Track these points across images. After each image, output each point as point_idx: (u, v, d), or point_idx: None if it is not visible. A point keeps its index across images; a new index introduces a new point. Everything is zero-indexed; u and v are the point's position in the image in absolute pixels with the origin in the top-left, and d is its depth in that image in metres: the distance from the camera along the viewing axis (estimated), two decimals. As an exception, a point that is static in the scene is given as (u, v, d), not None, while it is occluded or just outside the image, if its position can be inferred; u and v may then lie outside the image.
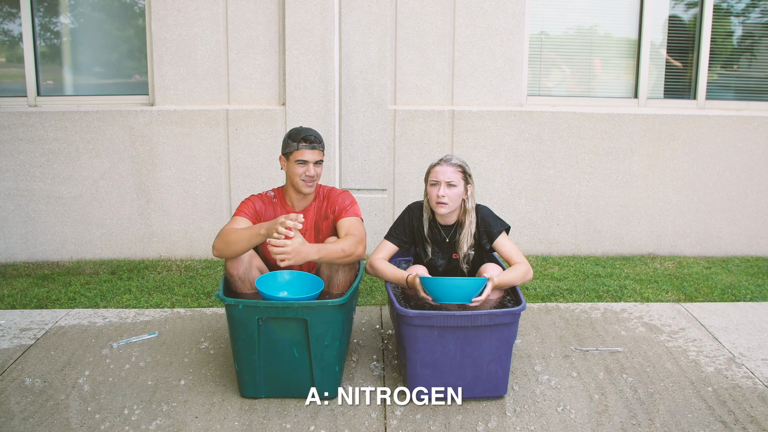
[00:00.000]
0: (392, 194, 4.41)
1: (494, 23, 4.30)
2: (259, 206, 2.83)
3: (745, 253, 4.59)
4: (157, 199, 4.36)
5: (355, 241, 2.69)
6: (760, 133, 4.45)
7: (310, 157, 2.76)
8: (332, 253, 2.62)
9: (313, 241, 2.85)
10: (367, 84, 4.26)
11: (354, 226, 2.78)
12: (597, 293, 3.78)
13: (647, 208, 4.51)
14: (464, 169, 2.76)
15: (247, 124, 4.29)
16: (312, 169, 2.76)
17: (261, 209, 2.83)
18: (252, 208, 2.81)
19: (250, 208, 2.81)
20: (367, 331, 3.25)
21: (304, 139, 2.76)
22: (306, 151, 2.75)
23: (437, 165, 2.77)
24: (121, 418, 2.47)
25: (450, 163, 2.75)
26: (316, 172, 2.78)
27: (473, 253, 2.84)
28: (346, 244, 2.66)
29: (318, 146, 2.78)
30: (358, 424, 2.44)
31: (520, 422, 2.45)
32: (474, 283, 2.52)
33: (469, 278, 2.62)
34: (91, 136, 4.28)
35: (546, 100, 4.52)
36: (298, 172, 2.76)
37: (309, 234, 2.86)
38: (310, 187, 2.79)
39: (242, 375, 2.56)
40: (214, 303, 3.63)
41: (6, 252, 4.38)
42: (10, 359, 2.94)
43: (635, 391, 2.67)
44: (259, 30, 4.24)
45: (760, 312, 3.53)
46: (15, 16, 4.39)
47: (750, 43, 4.72)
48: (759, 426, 2.43)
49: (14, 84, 4.45)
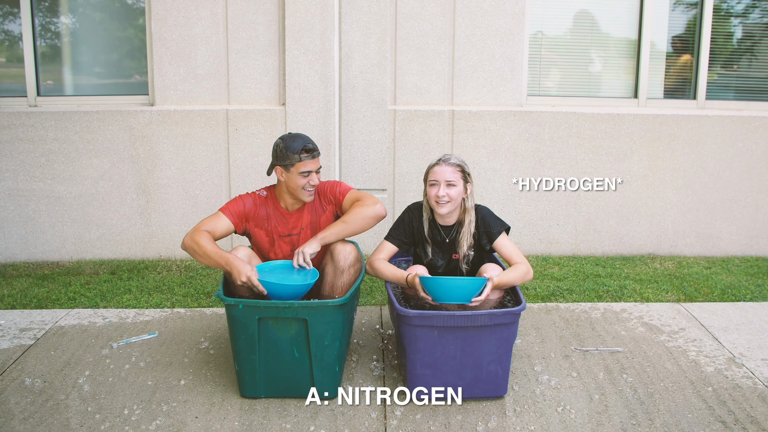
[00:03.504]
0: (392, 194, 4.41)
1: (494, 23, 4.30)
2: (249, 206, 2.79)
3: (745, 253, 4.59)
4: (157, 199, 4.36)
5: (367, 203, 2.76)
6: (760, 133, 4.45)
7: (313, 166, 2.72)
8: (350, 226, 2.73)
9: (311, 237, 2.82)
10: (367, 84, 4.26)
11: (355, 196, 2.82)
12: (597, 293, 3.78)
13: (647, 208, 4.51)
14: (463, 169, 2.76)
15: (247, 124, 4.29)
16: (315, 178, 2.74)
17: (251, 210, 2.79)
18: (240, 208, 2.77)
19: (238, 208, 2.76)
20: (367, 331, 3.25)
21: (305, 149, 2.69)
22: (308, 162, 2.70)
23: (436, 165, 2.76)
24: (121, 418, 2.47)
25: (449, 162, 2.74)
26: (318, 179, 2.76)
27: (473, 254, 2.83)
28: (362, 209, 2.75)
29: (318, 154, 2.75)
30: (358, 424, 2.44)
31: (520, 422, 2.45)
32: (474, 283, 2.52)
33: (468, 278, 2.62)
34: (90, 136, 4.28)
35: (546, 100, 4.52)
36: (301, 183, 2.71)
37: (306, 232, 2.85)
38: (311, 196, 2.78)
39: (242, 375, 2.56)
40: (214, 303, 3.63)
41: (6, 252, 4.38)
42: (10, 359, 2.94)
43: (635, 391, 2.67)
44: (259, 30, 4.24)
45: (760, 312, 3.53)
46: (15, 16, 4.39)
47: (750, 44, 4.72)
48: (759, 426, 2.43)
49: (14, 84, 4.45)
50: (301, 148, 2.69)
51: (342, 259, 2.69)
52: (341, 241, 2.77)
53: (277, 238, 2.83)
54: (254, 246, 2.90)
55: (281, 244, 2.84)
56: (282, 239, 2.83)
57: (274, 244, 2.83)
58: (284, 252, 2.85)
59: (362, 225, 2.74)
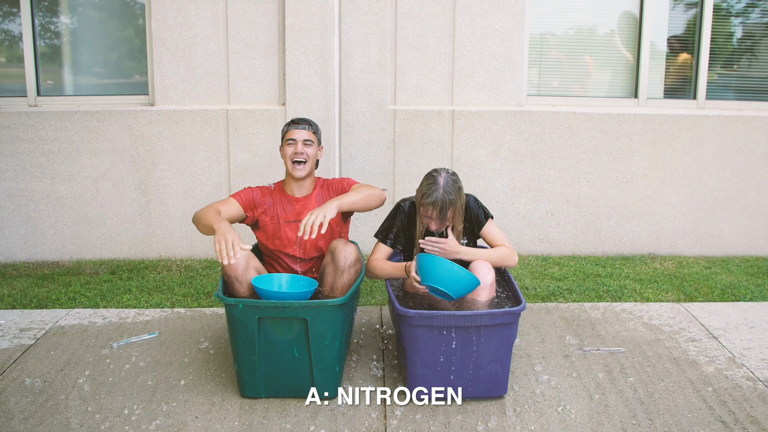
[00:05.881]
0: (392, 194, 4.41)
1: (494, 23, 4.30)
2: (257, 195, 2.90)
3: (745, 253, 4.58)
4: (157, 199, 4.36)
5: (373, 186, 2.85)
6: (760, 133, 4.45)
7: (298, 136, 2.85)
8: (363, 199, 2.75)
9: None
10: (367, 84, 4.26)
11: (358, 184, 2.89)
12: (597, 293, 3.78)
13: (647, 208, 4.50)
14: None
15: (247, 124, 4.29)
16: (300, 146, 2.83)
17: (258, 197, 2.90)
18: (249, 196, 2.89)
19: (247, 195, 2.89)
20: (367, 331, 3.25)
21: (292, 121, 2.91)
22: (293, 131, 2.86)
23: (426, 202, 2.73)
24: (121, 418, 2.47)
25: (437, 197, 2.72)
26: (304, 150, 2.84)
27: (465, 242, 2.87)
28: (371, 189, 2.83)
29: (306, 126, 2.87)
30: (358, 424, 2.44)
31: (520, 422, 2.45)
32: (467, 275, 2.50)
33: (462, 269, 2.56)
34: (90, 136, 4.28)
35: (546, 100, 4.52)
36: (288, 152, 2.86)
37: None
38: (300, 170, 2.84)
39: (242, 375, 2.56)
40: (214, 303, 3.63)
41: (6, 252, 4.38)
42: (10, 359, 2.94)
43: (635, 391, 2.67)
44: (259, 30, 4.24)
45: (760, 312, 3.53)
46: (15, 16, 4.39)
47: (750, 43, 4.72)
48: (759, 426, 2.43)
49: (14, 84, 4.45)
50: (290, 120, 2.93)
51: (342, 259, 2.70)
52: (342, 240, 2.78)
53: (283, 224, 2.88)
54: (260, 237, 2.94)
55: (286, 230, 2.88)
56: (288, 225, 2.88)
57: (279, 230, 2.88)
58: (289, 239, 2.87)
59: (371, 201, 2.81)
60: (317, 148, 2.91)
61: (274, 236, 2.89)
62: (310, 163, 2.87)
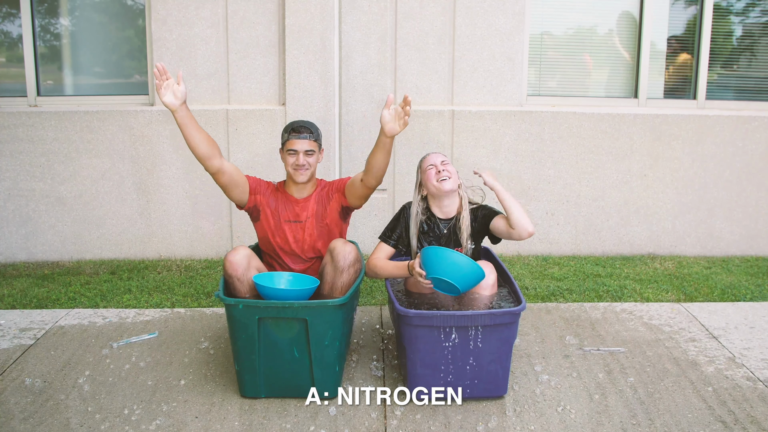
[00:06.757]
0: (392, 194, 4.41)
1: (494, 23, 4.30)
2: (263, 185, 2.94)
3: (745, 253, 4.58)
4: (157, 198, 4.36)
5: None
6: (760, 133, 4.45)
7: (299, 146, 2.83)
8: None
9: (315, 228, 2.90)
10: (367, 84, 4.26)
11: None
12: (597, 293, 3.78)
13: (647, 208, 4.50)
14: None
15: (247, 124, 4.29)
16: (301, 158, 2.83)
17: (264, 189, 2.93)
18: (257, 182, 2.93)
19: (256, 181, 2.93)
20: (367, 331, 3.25)
21: (294, 129, 2.85)
22: (295, 141, 2.83)
23: (427, 155, 2.92)
24: (121, 418, 2.47)
25: (436, 152, 2.93)
26: (306, 161, 2.83)
27: (473, 247, 2.87)
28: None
29: (307, 136, 2.84)
30: (358, 424, 2.44)
31: (520, 422, 2.45)
32: (472, 264, 2.49)
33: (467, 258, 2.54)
34: (90, 136, 4.28)
35: (546, 100, 4.52)
36: (289, 161, 2.85)
37: (311, 221, 2.89)
38: (302, 175, 2.85)
39: (242, 375, 2.56)
40: (214, 303, 3.63)
41: (6, 252, 4.38)
42: (10, 359, 2.94)
43: (635, 391, 2.67)
44: (259, 30, 4.24)
45: (760, 312, 3.53)
46: (15, 17, 4.39)
47: (750, 43, 4.72)
48: (759, 426, 2.43)
49: (14, 84, 4.45)
50: (291, 128, 2.86)
51: (342, 258, 2.70)
52: (341, 240, 2.78)
53: (283, 223, 2.89)
54: (260, 233, 2.94)
55: (285, 230, 2.88)
56: (287, 224, 2.89)
57: (279, 227, 2.89)
58: (286, 239, 2.88)
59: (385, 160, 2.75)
60: (318, 155, 2.91)
61: (274, 233, 2.89)
62: (312, 169, 2.88)
